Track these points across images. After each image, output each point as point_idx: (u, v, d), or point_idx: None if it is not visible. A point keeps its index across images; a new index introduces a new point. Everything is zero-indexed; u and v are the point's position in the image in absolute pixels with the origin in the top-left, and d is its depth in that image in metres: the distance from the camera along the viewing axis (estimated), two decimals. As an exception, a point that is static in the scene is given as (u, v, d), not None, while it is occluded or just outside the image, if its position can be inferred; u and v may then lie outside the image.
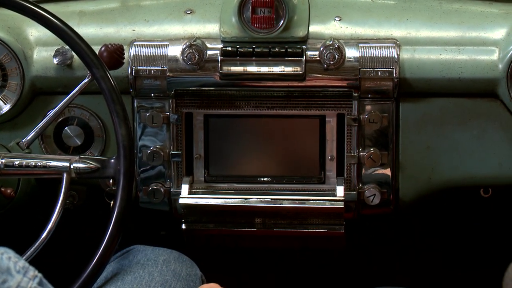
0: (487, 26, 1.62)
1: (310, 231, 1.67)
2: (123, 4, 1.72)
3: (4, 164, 1.44)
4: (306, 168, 1.67)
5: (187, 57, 1.59)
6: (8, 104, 1.64)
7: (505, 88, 1.57)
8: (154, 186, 1.67)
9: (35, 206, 1.57)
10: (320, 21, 1.64)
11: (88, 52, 1.46)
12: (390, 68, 1.58)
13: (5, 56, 1.62)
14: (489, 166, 1.63)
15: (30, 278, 0.84)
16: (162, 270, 1.45)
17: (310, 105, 1.64)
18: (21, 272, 0.84)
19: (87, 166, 1.45)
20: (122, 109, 1.44)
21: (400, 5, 1.68)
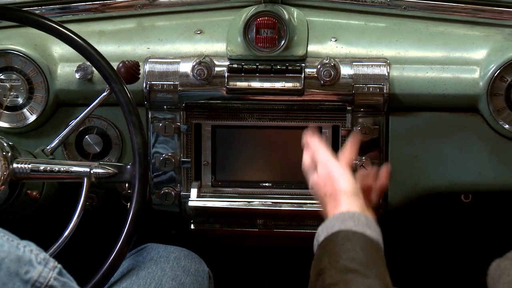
0: (469, 47, 1.63)
1: (307, 231, 1.67)
2: (138, 25, 1.72)
3: (30, 169, 1.44)
4: (304, 175, 1.67)
5: (196, 73, 1.60)
6: (34, 114, 1.65)
7: (485, 103, 1.57)
8: (166, 190, 1.68)
9: (58, 207, 1.58)
10: (318, 41, 1.65)
11: (107, 68, 1.46)
12: (381, 85, 1.59)
13: (32, 71, 1.63)
14: (469, 174, 1.64)
15: (50, 268, 0.85)
16: (173, 266, 1.45)
17: (308, 118, 1.65)
18: (42, 263, 0.84)
19: (106, 171, 1.45)
20: (137, 120, 1.44)
21: (391, 28, 1.68)
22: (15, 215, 1.53)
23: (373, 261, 1.01)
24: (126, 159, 1.66)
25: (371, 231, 1.06)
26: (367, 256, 1.01)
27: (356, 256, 1.00)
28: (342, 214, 1.10)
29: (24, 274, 0.83)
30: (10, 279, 0.82)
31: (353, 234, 1.04)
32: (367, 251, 1.02)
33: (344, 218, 1.08)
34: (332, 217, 1.10)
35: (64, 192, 1.61)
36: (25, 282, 0.83)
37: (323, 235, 1.08)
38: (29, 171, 1.44)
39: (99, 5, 1.74)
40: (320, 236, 1.09)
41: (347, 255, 1.00)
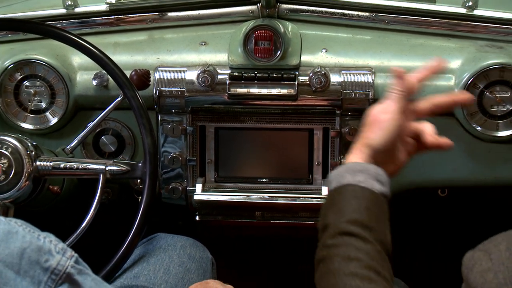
0: (445, 57, 1.61)
1: (300, 222, 1.67)
2: (149, 37, 1.71)
3: (52, 167, 1.44)
4: (297, 171, 1.67)
5: (201, 80, 1.59)
6: (55, 117, 1.64)
7: (460, 108, 1.57)
8: (173, 185, 1.67)
9: (77, 201, 1.57)
10: (310, 52, 1.64)
11: (121, 76, 1.46)
12: (366, 91, 1.58)
13: (53, 78, 1.62)
14: (445, 171, 1.64)
15: (68, 257, 0.84)
16: (180, 253, 1.45)
17: (301, 120, 1.64)
18: (60, 253, 0.84)
19: (119, 168, 1.45)
20: (148, 123, 1.44)
21: (375, 40, 1.68)
22: (38, 208, 1.53)
23: (376, 219, 0.99)
24: (138, 157, 1.66)
25: (379, 186, 1.03)
26: (370, 215, 0.98)
27: (359, 217, 0.97)
28: (355, 165, 1.05)
29: (44, 263, 0.82)
30: (32, 267, 0.82)
31: (361, 190, 1.01)
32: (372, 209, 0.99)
33: (355, 170, 1.04)
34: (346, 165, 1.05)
35: (82, 187, 1.61)
36: (45, 270, 0.82)
37: (334, 183, 1.04)
38: (50, 168, 1.44)
39: (114, 19, 1.73)
40: (332, 183, 1.04)
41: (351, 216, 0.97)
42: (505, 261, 0.71)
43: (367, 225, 0.97)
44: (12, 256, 0.80)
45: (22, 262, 0.81)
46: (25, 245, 0.82)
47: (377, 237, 0.97)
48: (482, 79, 1.56)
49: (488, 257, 0.73)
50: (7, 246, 0.81)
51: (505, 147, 1.60)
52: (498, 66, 1.55)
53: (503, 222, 1.90)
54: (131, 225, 1.39)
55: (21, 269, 0.81)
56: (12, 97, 1.64)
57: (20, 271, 0.80)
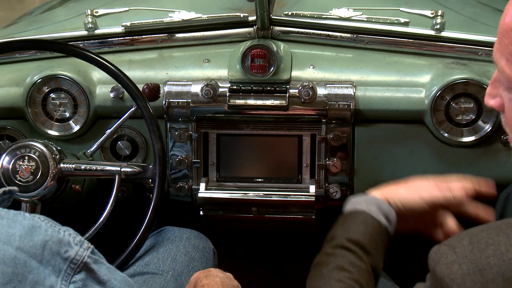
0: (417, 73, 1.62)
1: (291, 217, 1.66)
2: (160, 55, 1.71)
3: (74, 168, 1.44)
4: (288, 172, 1.66)
5: (204, 93, 1.59)
6: (78, 125, 1.63)
7: (430, 117, 1.56)
8: (180, 184, 1.66)
9: (95, 198, 1.57)
10: (299, 68, 1.63)
11: (134, 89, 1.46)
12: (348, 102, 1.58)
13: (76, 91, 1.62)
14: (417, 172, 1.60)
15: (85, 248, 0.84)
16: (186, 244, 1.44)
17: (291, 128, 1.63)
18: (78, 244, 0.84)
19: (133, 170, 1.44)
20: (158, 130, 1.44)
21: (356, 58, 1.67)
22: (62, 204, 1.53)
23: (375, 246, 1.01)
24: (149, 160, 1.65)
25: (386, 222, 1.05)
26: (371, 242, 1.01)
27: (362, 239, 0.99)
28: (372, 198, 1.08)
29: (64, 253, 0.82)
30: (53, 257, 0.81)
31: (371, 219, 1.03)
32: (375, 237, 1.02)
33: (372, 202, 1.07)
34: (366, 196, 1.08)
35: (100, 186, 1.60)
36: (64, 260, 0.82)
37: (350, 207, 1.07)
38: (73, 170, 1.44)
39: (129, 40, 1.72)
40: (348, 206, 1.07)
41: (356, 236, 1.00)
42: (468, 254, 0.71)
43: (367, 248, 0.99)
44: (36, 248, 0.80)
45: (44, 253, 0.80)
46: (47, 238, 0.81)
47: (372, 261, 0.99)
48: (449, 92, 1.56)
49: (453, 251, 0.72)
50: (31, 239, 0.80)
51: (468, 151, 1.60)
52: (462, 81, 1.55)
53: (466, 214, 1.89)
54: (143, 219, 1.39)
55: (43, 259, 0.80)
56: (40, 107, 1.63)
57: (42, 260, 0.80)
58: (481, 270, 0.69)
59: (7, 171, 1.40)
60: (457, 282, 0.70)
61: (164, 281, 1.34)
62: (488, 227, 0.73)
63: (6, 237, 0.79)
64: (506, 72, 0.83)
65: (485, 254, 0.69)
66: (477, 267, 0.69)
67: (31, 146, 1.42)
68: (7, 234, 0.79)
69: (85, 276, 0.83)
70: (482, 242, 0.71)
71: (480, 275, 0.68)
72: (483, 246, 0.70)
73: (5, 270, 0.77)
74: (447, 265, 0.71)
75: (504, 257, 0.68)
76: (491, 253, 0.69)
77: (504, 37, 0.82)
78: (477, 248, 0.70)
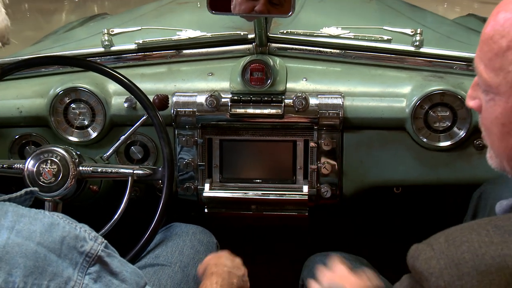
0: (398, 85, 1.61)
1: (286, 214, 1.65)
2: (169, 69, 1.70)
3: (91, 171, 1.43)
4: (284, 174, 1.65)
5: (209, 103, 1.58)
6: (95, 132, 1.63)
7: (410, 124, 1.56)
8: (187, 185, 1.65)
9: (111, 197, 1.56)
10: (293, 80, 1.63)
11: (145, 100, 1.45)
12: (337, 111, 1.57)
13: (94, 101, 1.61)
14: (399, 173, 1.62)
15: (99, 243, 0.83)
16: (191, 238, 1.43)
17: (286, 134, 1.62)
18: (93, 240, 0.83)
19: (144, 172, 1.44)
20: (166, 136, 1.43)
21: (344, 71, 1.66)
22: (81, 203, 1.52)
23: None
24: (159, 163, 1.64)
25: None
26: None
27: None
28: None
29: (80, 248, 0.81)
30: (70, 251, 0.80)
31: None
32: None
33: None
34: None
35: (115, 186, 1.59)
36: (80, 253, 0.81)
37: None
38: (90, 172, 1.43)
39: (141, 55, 1.72)
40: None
41: None
42: (444, 250, 0.70)
43: None
44: (55, 243, 0.79)
45: (62, 247, 0.79)
46: (65, 234, 0.80)
47: None
48: (427, 101, 1.55)
49: (431, 248, 0.71)
50: (51, 235, 0.79)
51: (445, 154, 1.59)
52: (439, 92, 1.54)
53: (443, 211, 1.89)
54: (153, 216, 1.38)
55: (61, 253, 0.79)
56: (62, 116, 1.63)
57: (61, 254, 0.79)
58: (457, 265, 0.68)
59: (32, 173, 1.40)
60: (436, 275, 0.69)
61: (172, 271, 1.33)
62: (462, 227, 0.72)
63: (28, 233, 0.78)
64: (483, 76, 0.82)
65: (460, 250, 0.69)
66: (454, 262, 0.68)
67: (54, 151, 1.42)
68: (28, 230, 0.79)
69: (99, 268, 0.82)
70: (457, 239, 0.70)
71: (457, 269, 0.68)
72: (458, 243, 0.69)
73: (27, 263, 0.76)
74: (425, 260, 0.70)
75: (477, 252, 0.68)
76: (465, 249, 0.68)
77: (484, 44, 0.82)
78: (452, 245, 0.70)
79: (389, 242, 1.92)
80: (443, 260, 0.69)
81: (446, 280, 0.68)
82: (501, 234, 0.68)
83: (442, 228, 0.77)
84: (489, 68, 0.81)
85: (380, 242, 1.97)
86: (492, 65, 0.80)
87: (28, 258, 0.77)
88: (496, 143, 0.86)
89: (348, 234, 2.02)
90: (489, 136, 0.87)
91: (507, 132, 0.82)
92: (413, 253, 0.73)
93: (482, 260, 0.66)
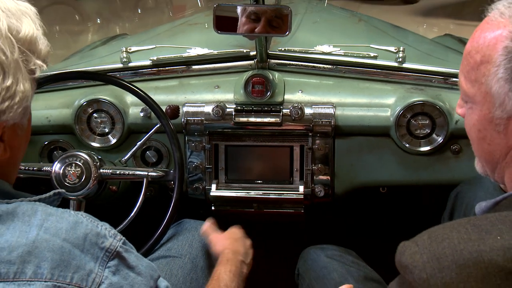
0: (384, 96, 1.60)
1: (284, 211, 1.65)
2: (180, 83, 1.69)
3: (111, 173, 1.43)
4: (282, 175, 1.65)
5: (215, 112, 1.57)
6: (115, 138, 1.62)
7: (394, 131, 1.55)
8: (196, 185, 1.65)
9: (128, 196, 1.55)
10: (290, 92, 1.62)
11: (159, 110, 1.45)
12: (329, 120, 1.56)
13: (114, 111, 1.61)
14: (385, 175, 1.61)
15: (118, 240, 0.83)
16: (200, 233, 1.42)
17: (284, 140, 1.61)
18: (112, 237, 0.82)
19: (157, 174, 1.43)
20: (177, 142, 1.43)
21: (336, 84, 1.66)
22: (102, 201, 1.51)
23: None
24: (171, 166, 1.63)
25: None
26: None
27: None
28: None
29: (101, 244, 0.81)
30: (92, 247, 0.80)
31: None
32: None
33: None
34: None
35: (132, 187, 1.59)
36: (101, 249, 0.81)
37: None
38: (110, 174, 1.43)
39: (155, 71, 1.71)
40: None
41: None
42: (427, 246, 0.70)
43: None
44: (78, 239, 0.79)
45: (85, 243, 0.79)
46: (87, 231, 0.80)
47: None
48: (409, 111, 1.54)
49: (416, 244, 0.71)
50: (75, 232, 0.79)
51: (425, 158, 1.58)
52: (420, 102, 1.54)
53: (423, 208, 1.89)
54: (166, 213, 1.37)
55: (84, 248, 0.79)
56: (85, 124, 1.62)
57: (84, 249, 0.79)
58: (438, 259, 0.68)
59: (58, 175, 1.40)
60: (419, 268, 0.68)
61: (183, 262, 1.33)
62: (444, 226, 0.72)
63: (55, 230, 0.78)
64: (463, 87, 0.83)
65: (441, 246, 0.68)
66: (435, 256, 0.68)
67: (78, 155, 1.41)
68: (55, 228, 0.78)
69: (117, 262, 0.81)
70: (439, 237, 0.70)
71: (438, 263, 0.67)
72: (439, 240, 0.69)
73: (54, 257, 0.76)
74: (410, 255, 0.70)
75: (457, 248, 0.67)
76: (446, 245, 0.68)
77: (464, 59, 0.82)
78: (435, 242, 0.69)
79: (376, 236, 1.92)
80: (426, 255, 0.69)
81: (428, 272, 0.67)
82: (479, 232, 0.68)
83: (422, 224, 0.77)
84: (467, 80, 0.81)
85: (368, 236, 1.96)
86: (469, 77, 0.81)
87: (55, 253, 0.76)
88: (474, 146, 0.86)
89: (339, 229, 2.01)
90: (470, 141, 0.87)
91: (482, 138, 0.82)
92: (400, 249, 0.73)
93: (461, 255, 0.66)
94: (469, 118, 0.84)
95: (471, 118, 0.83)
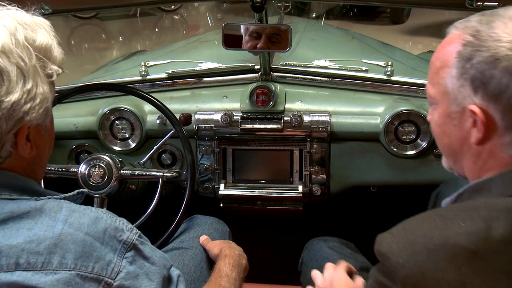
0: (374, 105, 1.59)
1: (285, 208, 1.63)
2: (192, 93, 1.69)
3: (130, 173, 1.42)
4: (283, 176, 1.63)
5: (223, 120, 1.56)
6: (134, 143, 1.61)
7: (383, 137, 1.54)
8: (206, 185, 1.63)
9: (146, 195, 1.55)
10: (291, 102, 1.61)
11: (173, 118, 1.44)
12: (326, 126, 1.55)
13: (133, 119, 1.60)
14: (375, 176, 1.60)
15: (134, 233, 0.82)
16: (209, 228, 1.41)
17: (285, 145, 1.60)
18: (129, 231, 0.81)
19: (172, 175, 1.42)
20: (189, 146, 1.42)
21: (331, 95, 1.64)
22: (122, 199, 1.50)
23: None
24: (184, 167, 1.62)
25: None
26: None
27: None
28: None
29: (119, 237, 0.80)
30: (111, 240, 0.79)
31: None
32: None
33: None
34: None
35: (149, 186, 1.58)
36: (119, 242, 0.80)
37: None
38: (129, 175, 1.42)
39: (170, 82, 1.70)
40: None
41: None
42: (402, 236, 0.72)
43: None
44: (99, 233, 0.78)
45: (105, 236, 0.78)
46: (107, 226, 0.79)
47: None
48: (397, 119, 1.53)
49: (392, 235, 0.73)
50: (96, 227, 0.78)
51: (411, 161, 1.56)
52: (406, 111, 1.52)
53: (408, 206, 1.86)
54: (179, 210, 1.36)
55: (104, 241, 0.78)
56: (108, 130, 1.62)
57: (103, 242, 0.78)
58: (411, 245, 0.69)
59: (84, 176, 1.39)
60: (395, 254, 0.70)
61: (194, 253, 1.31)
62: (416, 218, 0.74)
63: (78, 225, 0.77)
64: (428, 91, 0.85)
65: (413, 235, 0.70)
66: (409, 243, 0.70)
67: (101, 157, 1.41)
68: (78, 223, 0.78)
69: (134, 254, 0.80)
70: (411, 227, 0.72)
71: (411, 248, 0.69)
72: (412, 230, 0.71)
73: (77, 249, 0.76)
74: (387, 244, 0.72)
75: (427, 235, 0.69)
76: (418, 234, 0.70)
77: (429, 68, 0.86)
78: (408, 231, 0.71)
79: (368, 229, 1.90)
80: (401, 243, 0.70)
81: (403, 257, 0.69)
82: (444, 221, 0.70)
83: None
84: (431, 84, 0.84)
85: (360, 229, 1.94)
86: (432, 81, 0.84)
87: (78, 245, 0.76)
88: (438, 142, 0.87)
89: (335, 223, 1.99)
90: (435, 138, 0.88)
91: (443, 132, 0.84)
92: (378, 240, 0.74)
93: (431, 241, 0.68)
94: (433, 118, 0.86)
95: (434, 117, 0.85)
